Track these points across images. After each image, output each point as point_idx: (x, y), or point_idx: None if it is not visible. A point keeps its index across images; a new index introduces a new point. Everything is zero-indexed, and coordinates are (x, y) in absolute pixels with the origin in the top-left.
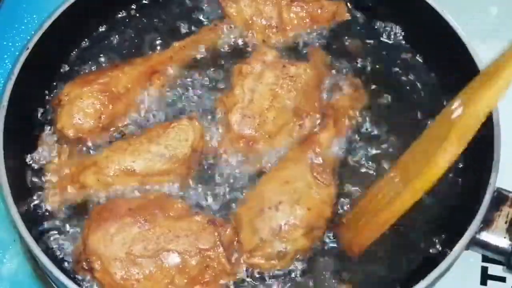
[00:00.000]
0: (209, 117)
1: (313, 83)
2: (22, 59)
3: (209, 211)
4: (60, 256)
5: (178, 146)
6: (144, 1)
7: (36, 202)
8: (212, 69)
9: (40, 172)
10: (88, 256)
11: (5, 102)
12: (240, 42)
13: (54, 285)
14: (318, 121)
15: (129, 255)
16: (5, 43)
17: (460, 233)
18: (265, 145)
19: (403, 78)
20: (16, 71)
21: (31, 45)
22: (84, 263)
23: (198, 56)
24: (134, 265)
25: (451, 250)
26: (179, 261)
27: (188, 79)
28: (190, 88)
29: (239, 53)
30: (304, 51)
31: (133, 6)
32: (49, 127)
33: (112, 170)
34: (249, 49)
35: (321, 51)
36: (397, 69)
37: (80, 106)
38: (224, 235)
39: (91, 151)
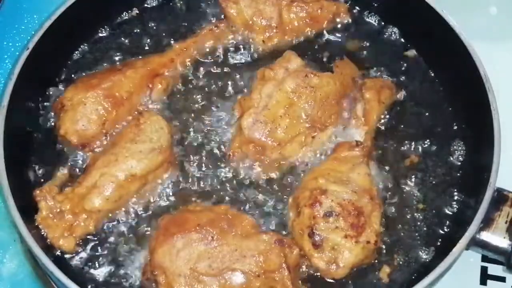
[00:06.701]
0: (213, 117)
1: (335, 96)
2: (23, 59)
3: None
4: (60, 256)
5: (160, 136)
6: (145, 4)
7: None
8: (212, 70)
9: (42, 172)
10: (154, 268)
11: (5, 102)
12: (240, 42)
13: (54, 285)
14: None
15: (193, 271)
16: (5, 43)
17: (460, 233)
18: (274, 153)
19: (402, 77)
20: (17, 71)
21: (31, 45)
22: (149, 274)
23: (199, 58)
24: (198, 282)
25: (451, 250)
26: (243, 281)
27: (189, 81)
28: (191, 89)
29: (239, 54)
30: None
31: (135, 9)
32: (47, 129)
33: (115, 184)
34: (250, 49)
35: (350, 63)
36: (396, 68)
37: (84, 111)
38: (290, 257)
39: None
